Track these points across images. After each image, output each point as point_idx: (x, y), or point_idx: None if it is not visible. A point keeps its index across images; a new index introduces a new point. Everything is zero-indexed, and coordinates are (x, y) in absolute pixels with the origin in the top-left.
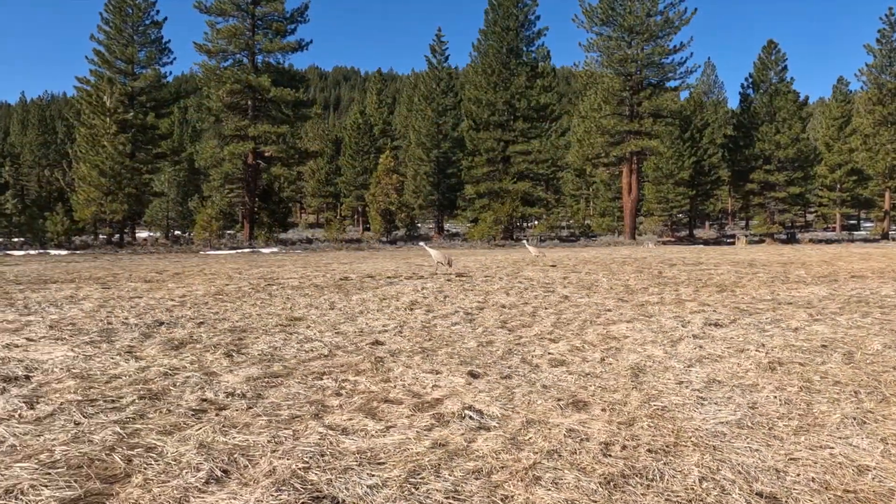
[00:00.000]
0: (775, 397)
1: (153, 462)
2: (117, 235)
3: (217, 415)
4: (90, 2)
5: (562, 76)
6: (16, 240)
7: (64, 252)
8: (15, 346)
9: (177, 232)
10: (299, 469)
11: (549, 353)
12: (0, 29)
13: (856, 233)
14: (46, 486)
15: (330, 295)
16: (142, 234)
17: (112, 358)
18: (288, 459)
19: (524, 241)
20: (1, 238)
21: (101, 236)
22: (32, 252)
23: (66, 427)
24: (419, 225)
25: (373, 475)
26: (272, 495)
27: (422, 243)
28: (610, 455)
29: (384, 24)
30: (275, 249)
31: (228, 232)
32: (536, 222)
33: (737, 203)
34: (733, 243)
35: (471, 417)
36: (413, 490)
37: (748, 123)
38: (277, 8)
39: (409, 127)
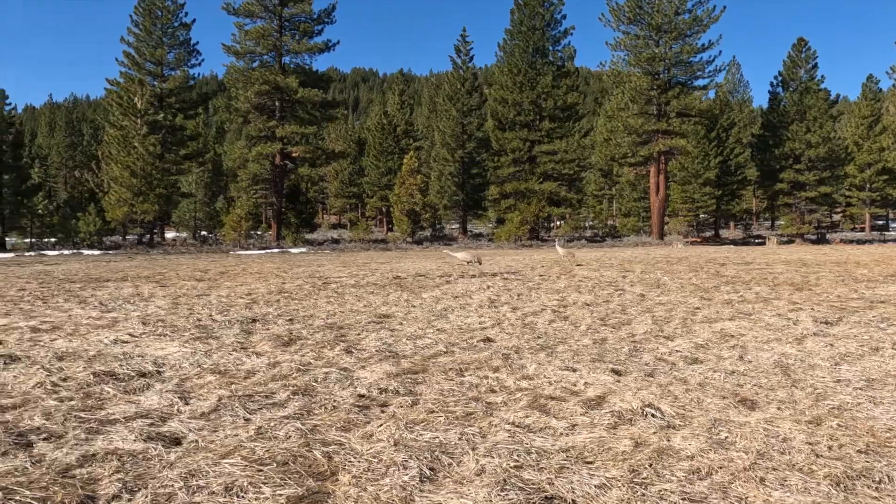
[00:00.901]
0: None
1: (353, 459)
2: (147, 236)
3: (383, 411)
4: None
5: (582, 76)
6: (47, 240)
7: (97, 252)
8: (123, 342)
9: (203, 232)
10: (511, 468)
11: (677, 351)
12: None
13: (886, 233)
14: (265, 484)
15: (398, 293)
16: (168, 234)
17: (230, 354)
18: (495, 458)
19: (555, 242)
20: (34, 238)
21: (129, 237)
22: (66, 252)
23: (238, 423)
24: (444, 225)
25: (593, 474)
26: (498, 494)
27: (450, 249)
28: (821, 456)
29: (401, 25)
30: (303, 249)
31: (255, 232)
32: (559, 223)
33: (761, 203)
34: (762, 244)
35: (653, 415)
36: (643, 491)
37: (777, 122)
38: (305, 9)
39: (432, 127)
